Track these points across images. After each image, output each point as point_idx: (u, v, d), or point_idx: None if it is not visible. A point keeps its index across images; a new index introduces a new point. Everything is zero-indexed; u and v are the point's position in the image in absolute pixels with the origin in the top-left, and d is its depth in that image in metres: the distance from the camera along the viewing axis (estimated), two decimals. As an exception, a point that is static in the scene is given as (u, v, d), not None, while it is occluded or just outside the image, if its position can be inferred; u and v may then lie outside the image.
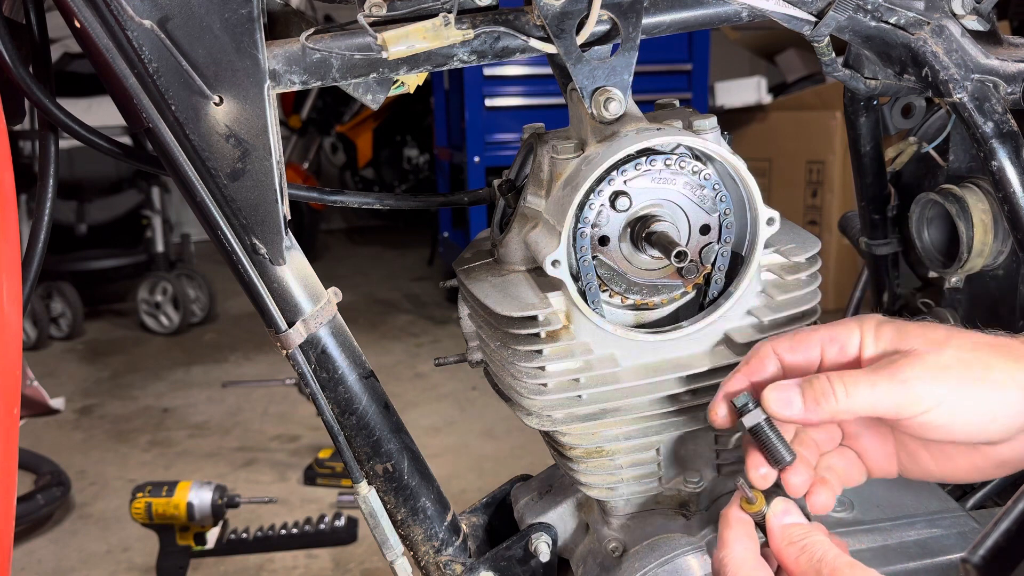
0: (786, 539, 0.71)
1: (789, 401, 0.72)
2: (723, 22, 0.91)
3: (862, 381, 0.70)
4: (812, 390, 0.72)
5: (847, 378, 0.71)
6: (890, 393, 0.70)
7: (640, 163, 0.81)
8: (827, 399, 0.71)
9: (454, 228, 5.18)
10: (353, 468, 0.92)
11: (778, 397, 0.72)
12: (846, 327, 0.75)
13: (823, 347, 0.76)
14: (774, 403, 0.72)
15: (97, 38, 0.78)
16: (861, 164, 1.29)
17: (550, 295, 0.84)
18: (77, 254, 4.83)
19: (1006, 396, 0.69)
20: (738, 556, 0.72)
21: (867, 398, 0.70)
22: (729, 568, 0.72)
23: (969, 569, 0.64)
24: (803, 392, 0.72)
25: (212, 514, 2.31)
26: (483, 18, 0.83)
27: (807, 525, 0.72)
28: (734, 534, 0.73)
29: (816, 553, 0.69)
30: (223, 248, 0.84)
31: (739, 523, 0.74)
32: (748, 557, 0.72)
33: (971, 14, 0.93)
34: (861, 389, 0.70)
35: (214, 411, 3.72)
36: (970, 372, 0.69)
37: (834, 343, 0.75)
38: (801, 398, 0.72)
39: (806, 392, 0.72)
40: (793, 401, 0.72)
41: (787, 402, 0.72)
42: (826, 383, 0.71)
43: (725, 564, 0.72)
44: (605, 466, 0.90)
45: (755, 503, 0.73)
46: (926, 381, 0.69)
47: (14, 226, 0.78)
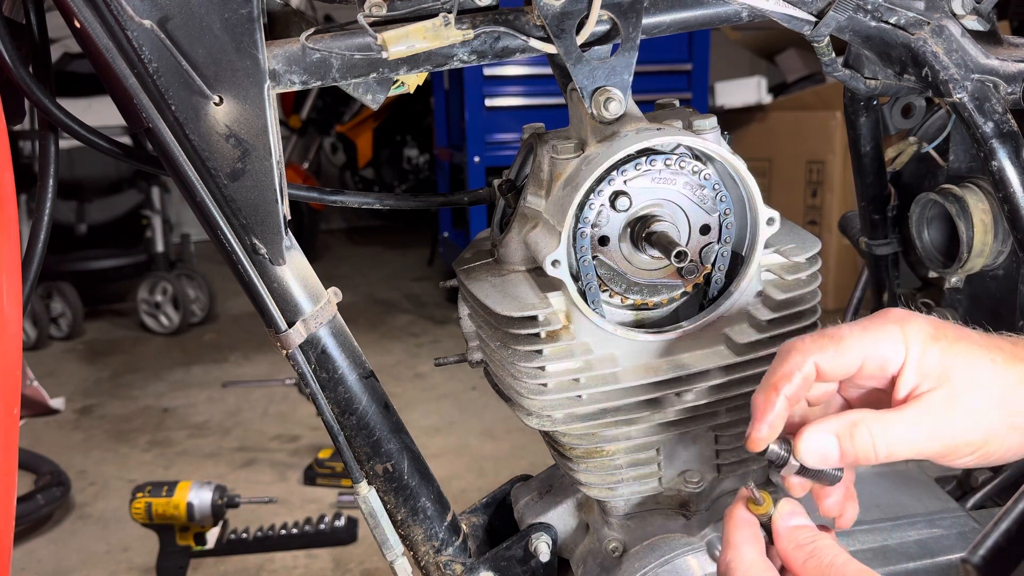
0: (793, 542, 0.70)
1: (825, 456, 0.70)
2: (723, 22, 0.91)
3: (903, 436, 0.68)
4: (852, 445, 0.69)
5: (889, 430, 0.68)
6: (929, 442, 0.68)
7: (640, 163, 0.81)
8: (865, 454, 0.69)
9: (454, 228, 5.18)
10: (353, 468, 0.92)
11: (817, 453, 0.70)
12: (890, 343, 0.70)
13: (864, 363, 0.71)
14: (809, 457, 0.70)
15: (97, 38, 0.78)
16: (861, 164, 1.29)
17: (550, 295, 0.84)
18: (77, 254, 4.82)
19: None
20: (747, 559, 0.70)
21: (906, 448, 0.69)
22: (738, 571, 0.70)
23: (969, 569, 0.64)
24: (841, 446, 0.69)
25: (212, 514, 2.31)
26: (483, 18, 0.83)
27: (814, 528, 0.71)
28: (741, 536, 0.71)
29: (825, 558, 0.68)
30: (223, 248, 0.84)
31: (746, 524, 0.72)
32: (757, 560, 0.70)
33: (971, 14, 0.93)
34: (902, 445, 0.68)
35: (214, 411, 3.71)
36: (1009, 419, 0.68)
37: (875, 360, 0.70)
38: (839, 452, 0.69)
39: (844, 446, 0.69)
40: (829, 456, 0.70)
41: (823, 457, 0.70)
42: (867, 437, 0.68)
43: (733, 568, 0.70)
44: (605, 466, 0.90)
45: (763, 505, 0.72)
46: (966, 432, 0.68)
47: (14, 226, 0.78)
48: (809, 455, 0.70)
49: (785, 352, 0.72)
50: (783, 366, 0.71)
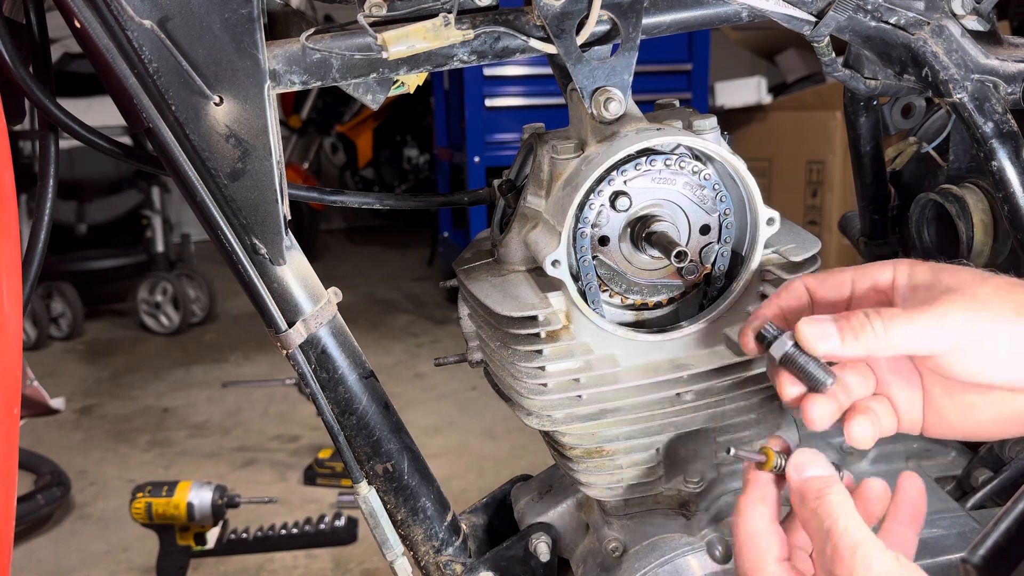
0: (801, 495, 0.68)
1: (825, 334, 0.69)
2: (723, 22, 0.91)
3: (899, 316, 0.68)
4: (849, 324, 0.69)
5: (884, 313, 0.69)
6: (928, 328, 0.67)
7: (640, 163, 0.81)
8: (864, 333, 0.68)
9: (454, 228, 5.18)
10: (353, 468, 0.92)
11: (813, 330, 0.70)
12: (878, 266, 0.75)
13: (854, 282, 0.74)
14: (809, 336, 0.70)
15: (97, 38, 0.78)
16: (861, 164, 1.29)
17: (550, 295, 0.84)
18: (77, 254, 4.82)
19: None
20: (750, 524, 0.69)
21: (905, 333, 0.68)
22: (740, 537, 0.69)
23: (969, 569, 0.64)
24: (839, 326, 0.69)
25: (212, 514, 2.31)
26: (483, 18, 0.83)
27: (826, 478, 0.68)
28: (749, 499, 0.71)
29: (825, 521, 0.65)
30: (223, 248, 0.84)
31: (756, 485, 0.71)
32: (760, 527, 0.69)
33: (971, 14, 0.93)
34: (898, 323, 0.68)
35: (214, 411, 3.72)
36: (1008, 306, 0.68)
37: (865, 278, 0.74)
38: (838, 331, 0.69)
39: (842, 326, 0.69)
40: (829, 334, 0.69)
41: (823, 335, 0.69)
42: (863, 317, 0.69)
43: (737, 532, 0.70)
44: (605, 466, 0.90)
45: (766, 462, 0.71)
46: (964, 316, 0.67)
47: (14, 226, 0.78)
48: (808, 334, 0.70)
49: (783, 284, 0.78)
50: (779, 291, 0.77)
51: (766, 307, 0.77)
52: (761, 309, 0.77)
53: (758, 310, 0.77)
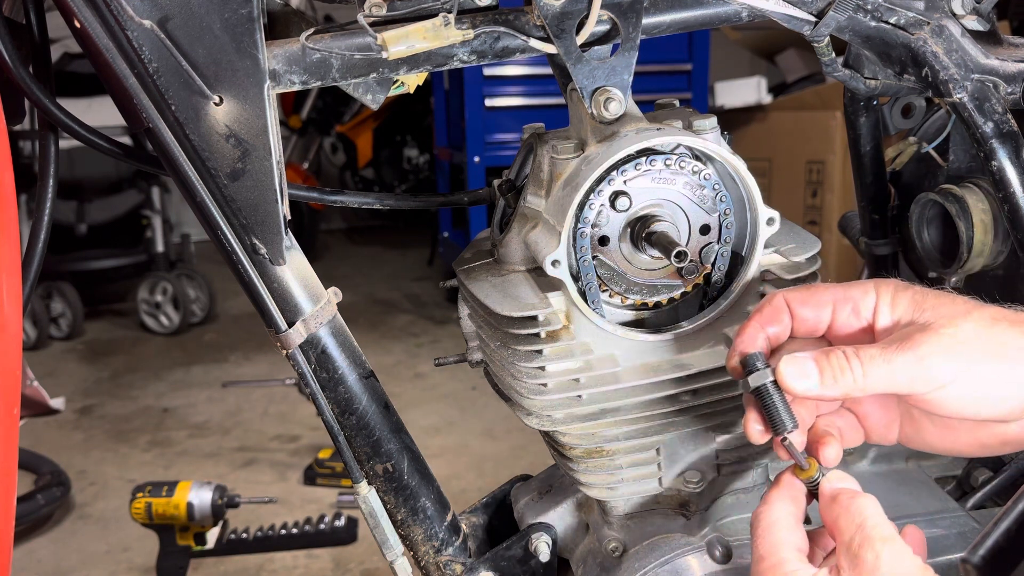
0: (831, 499, 0.69)
1: (804, 375, 0.70)
2: (723, 22, 0.91)
3: (878, 357, 0.69)
4: (829, 365, 0.70)
5: (863, 354, 0.69)
6: (906, 369, 0.68)
7: (640, 163, 0.81)
8: (844, 376, 0.69)
9: (454, 228, 5.18)
10: (353, 468, 0.92)
11: (793, 371, 0.70)
12: (862, 288, 0.74)
13: (835, 306, 0.74)
14: (788, 377, 0.70)
15: (97, 38, 0.78)
16: (861, 164, 1.29)
17: (550, 295, 0.84)
18: (77, 254, 4.83)
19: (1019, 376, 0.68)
20: (774, 515, 0.70)
21: (883, 375, 0.69)
22: (762, 524, 0.70)
23: (969, 569, 0.64)
24: (819, 367, 0.70)
25: (212, 514, 2.31)
26: (483, 18, 0.83)
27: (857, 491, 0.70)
28: (778, 494, 0.72)
29: (856, 517, 0.66)
30: (223, 248, 0.84)
31: (788, 486, 0.72)
32: (783, 518, 0.70)
33: (971, 14, 0.93)
34: (878, 366, 0.69)
35: (214, 411, 3.72)
36: (986, 348, 0.68)
37: (847, 303, 0.74)
38: (818, 373, 0.70)
39: (822, 367, 0.70)
40: (809, 375, 0.70)
41: (802, 375, 0.70)
42: (843, 359, 0.69)
43: (759, 520, 0.70)
44: (605, 466, 0.90)
45: (808, 469, 0.72)
46: (942, 357, 0.68)
47: (14, 226, 0.78)
48: (788, 375, 0.70)
49: (765, 298, 0.77)
50: (760, 305, 0.77)
51: (749, 327, 0.76)
52: (745, 330, 0.76)
53: (741, 329, 0.77)
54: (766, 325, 0.75)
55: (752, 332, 0.76)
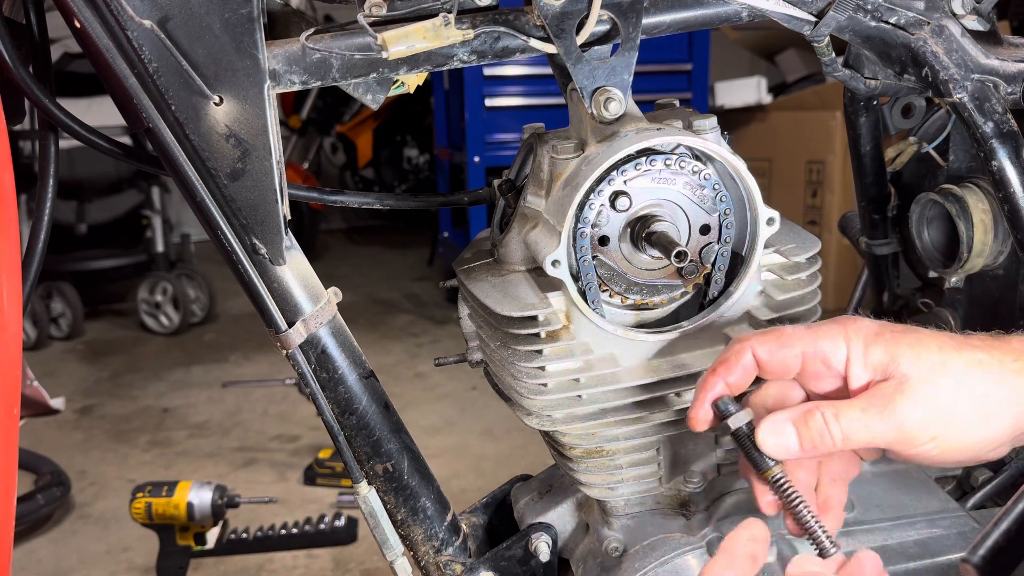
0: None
1: (784, 443, 0.71)
2: (723, 22, 0.91)
3: (856, 420, 0.70)
4: (808, 429, 0.71)
5: (842, 415, 0.70)
6: (885, 431, 0.69)
7: (640, 163, 0.81)
8: (823, 440, 0.70)
9: (454, 228, 5.18)
10: (353, 468, 0.92)
11: (772, 438, 0.71)
12: (831, 339, 0.73)
13: (804, 359, 0.73)
14: (769, 442, 0.71)
15: (97, 38, 0.78)
16: (861, 164, 1.29)
17: (550, 295, 0.84)
18: (77, 254, 4.82)
19: (1001, 423, 0.69)
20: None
21: (863, 437, 0.70)
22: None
23: (969, 569, 0.64)
24: (798, 432, 0.71)
25: (212, 514, 2.31)
26: (483, 18, 0.83)
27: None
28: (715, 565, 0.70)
29: None
30: (223, 248, 0.84)
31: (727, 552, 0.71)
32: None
33: (971, 14, 0.93)
34: (856, 427, 0.70)
35: (214, 411, 3.71)
36: (966, 403, 0.69)
37: (816, 357, 0.73)
38: (797, 438, 0.71)
39: (801, 432, 0.71)
40: (788, 441, 0.71)
41: (782, 443, 0.71)
42: (822, 423, 0.70)
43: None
44: (605, 466, 0.90)
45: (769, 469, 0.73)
46: (921, 419, 0.69)
47: (14, 226, 0.78)
48: (768, 440, 0.71)
49: (731, 343, 0.76)
50: (725, 354, 0.75)
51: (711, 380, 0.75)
52: (707, 381, 0.75)
53: (704, 381, 0.75)
54: (729, 376, 0.75)
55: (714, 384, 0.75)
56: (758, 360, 0.74)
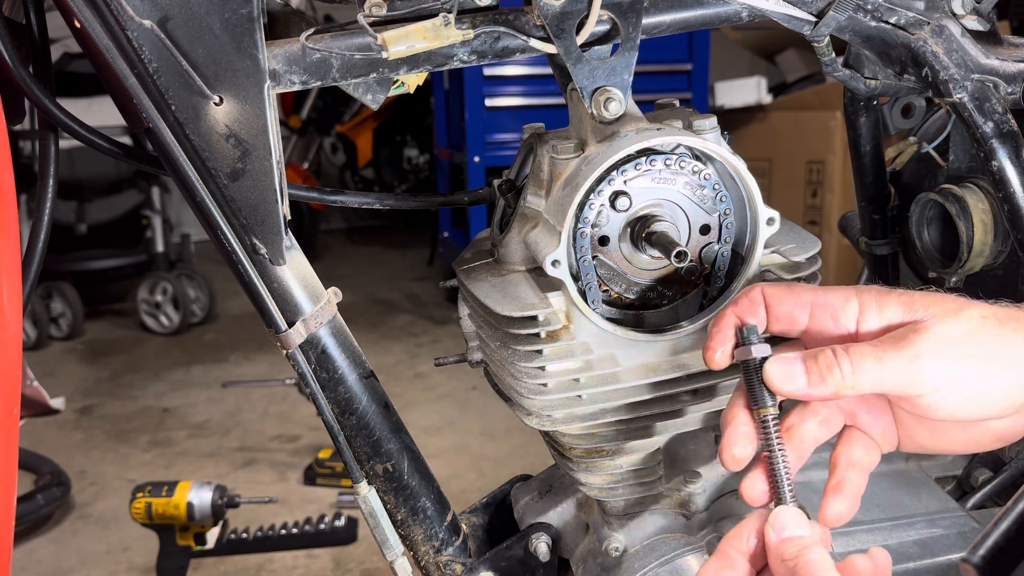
0: (779, 555, 0.67)
1: (792, 375, 0.69)
2: (723, 22, 0.91)
3: (869, 356, 0.67)
4: (816, 364, 0.68)
5: (853, 352, 0.68)
6: (898, 369, 0.67)
7: (640, 163, 0.81)
8: (832, 374, 0.68)
9: (454, 228, 5.18)
10: (353, 468, 0.92)
11: (781, 370, 0.69)
12: (843, 296, 0.72)
13: (813, 309, 0.72)
14: (776, 377, 0.69)
15: (97, 38, 0.78)
16: (861, 164, 1.29)
17: (550, 295, 0.84)
18: (77, 254, 4.82)
19: (1013, 374, 0.67)
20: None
21: (874, 374, 0.67)
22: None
23: (969, 569, 0.64)
24: (807, 366, 0.69)
25: (212, 514, 2.31)
26: (483, 18, 0.83)
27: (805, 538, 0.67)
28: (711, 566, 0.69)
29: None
30: (223, 248, 0.84)
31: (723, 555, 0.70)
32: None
33: (971, 14, 0.93)
34: (868, 364, 0.67)
35: (214, 411, 3.72)
36: (979, 348, 0.67)
37: (824, 310, 0.72)
38: (805, 372, 0.69)
39: (810, 366, 0.69)
40: (796, 375, 0.69)
41: (790, 376, 0.69)
42: (831, 357, 0.68)
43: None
44: (605, 466, 0.90)
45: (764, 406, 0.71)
46: (936, 358, 0.66)
47: (14, 226, 0.78)
48: (776, 375, 0.69)
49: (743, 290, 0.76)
50: (736, 298, 0.75)
51: (724, 316, 0.74)
52: (720, 319, 0.75)
53: (717, 319, 0.75)
54: (742, 316, 0.74)
55: (728, 322, 0.74)
56: (768, 305, 0.73)
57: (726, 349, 0.74)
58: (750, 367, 0.72)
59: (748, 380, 0.72)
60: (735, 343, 0.74)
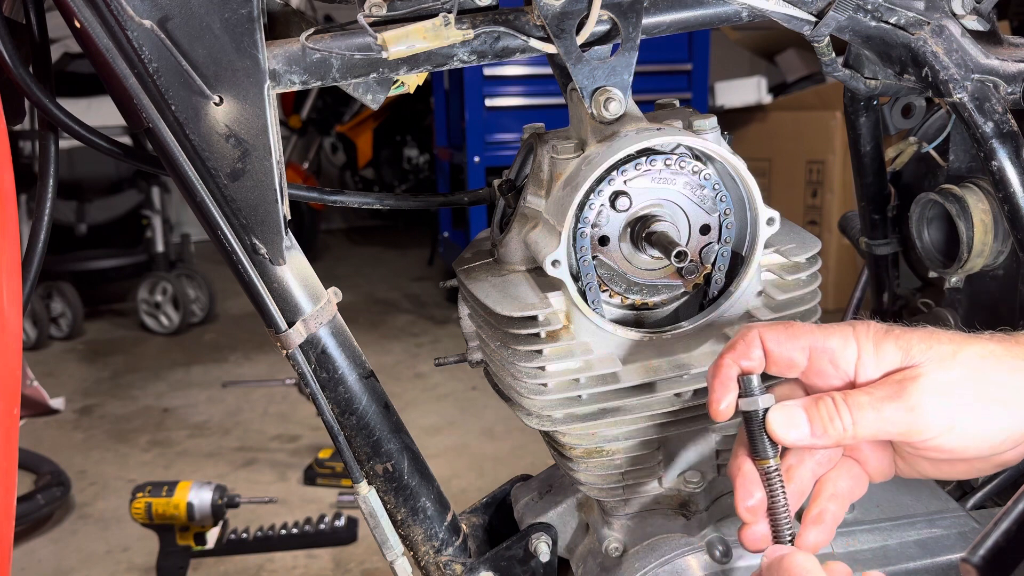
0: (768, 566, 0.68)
1: (794, 424, 0.69)
2: (723, 22, 0.91)
3: (868, 407, 0.68)
4: (819, 415, 0.69)
5: (853, 402, 0.69)
6: (898, 419, 0.68)
7: (640, 163, 0.81)
8: (834, 425, 0.68)
9: (454, 228, 5.18)
10: (353, 468, 0.92)
11: (784, 421, 0.70)
12: (841, 337, 0.71)
13: (812, 355, 0.72)
14: (778, 426, 0.70)
15: (97, 38, 0.78)
16: (861, 164, 1.29)
17: (550, 295, 0.84)
18: (77, 254, 4.83)
19: (1015, 412, 0.68)
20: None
21: (874, 425, 0.68)
22: None
23: (969, 569, 0.64)
24: (809, 416, 0.69)
25: (212, 514, 2.31)
26: (483, 18, 0.83)
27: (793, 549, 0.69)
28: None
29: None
30: (223, 248, 0.84)
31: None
32: None
33: (971, 14, 0.93)
34: (867, 415, 0.68)
35: (214, 411, 3.72)
36: (978, 392, 0.68)
37: (823, 354, 0.71)
38: (807, 423, 0.69)
39: (812, 417, 0.69)
40: (799, 425, 0.69)
41: (792, 424, 0.69)
42: (832, 407, 0.69)
43: None
44: (605, 466, 0.90)
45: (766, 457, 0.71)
46: (935, 406, 0.67)
47: (14, 226, 0.78)
48: (778, 426, 0.69)
49: (738, 331, 0.75)
50: (733, 341, 0.74)
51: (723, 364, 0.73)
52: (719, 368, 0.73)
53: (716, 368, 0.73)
54: (739, 362, 0.73)
55: (728, 372, 0.73)
56: (766, 349, 0.72)
57: (731, 400, 0.72)
58: (752, 418, 0.72)
59: (750, 430, 0.72)
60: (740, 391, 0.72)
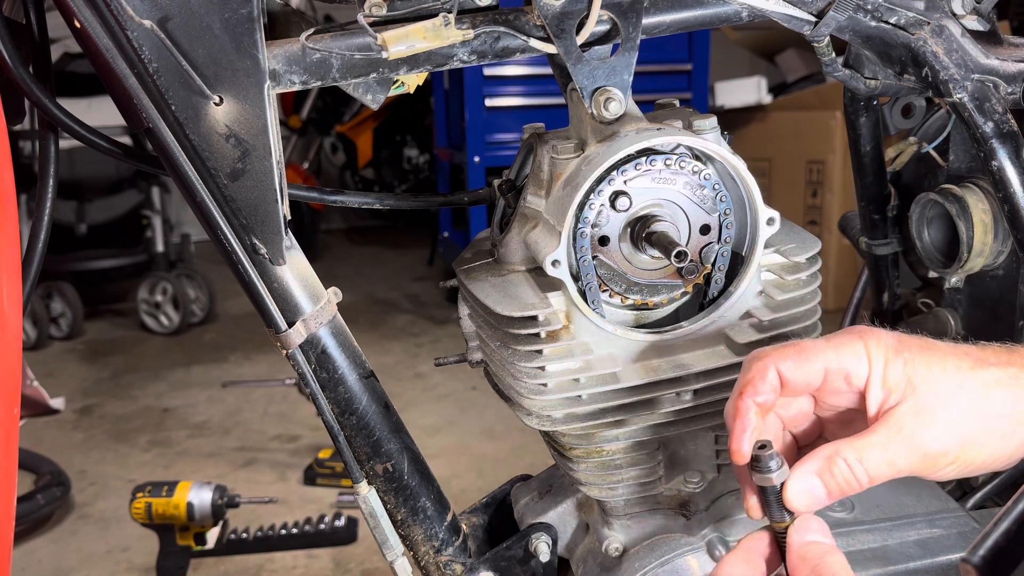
0: (801, 555, 0.69)
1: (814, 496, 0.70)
2: (723, 22, 0.91)
3: (879, 458, 0.69)
4: (834, 479, 0.70)
5: (864, 457, 0.69)
6: (908, 463, 0.69)
7: (640, 163, 0.81)
8: (849, 485, 0.70)
9: (454, 228, 5.18)
10: (353, 468, 0.92)
11: (803, 495, 0.70)
12: (853, 353, 0.71)
13: (827, 374, 0.72)
14: (798, 499, 0.70)
15: (97, 38, 0.78)
16: (861, 164, 1.29)
17: (550, 295, 0.84)
18: (77, 254, 4.82)
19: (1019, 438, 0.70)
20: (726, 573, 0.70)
21: (885, 469, 0.69)
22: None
23: (969, 569, 0.64)
24: (825, 483, 0.70)
25: (212, 514, 2.31)
26: (483, 18, 0.83)
27: (827, 545, 0.69)
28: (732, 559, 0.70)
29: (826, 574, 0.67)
30: (223, 248, 0.84)
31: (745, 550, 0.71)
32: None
33: (971, 14, 0.93)
34: (880, 467, 0.69)
35: (214, 411, 3.71)
36: (982, 425, 0.69)
37: (839, 374, 0.72)
38: (825, 490, 0.70)
39: (828, 482, 0.70)
40: (818, 496, 0.70)
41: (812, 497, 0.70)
42: (846, 469, 0.69)
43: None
44: (605, 466, 0.90)
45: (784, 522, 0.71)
46: (941, 444, 0.69)
47: (14, 226, 0.78)
48: (798, 499, 0.70)
49: (750, 360, 0.73)
50: (747, 374, 0.72)
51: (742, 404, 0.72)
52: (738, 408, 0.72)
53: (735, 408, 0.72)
54: (757, 396, 0.72)
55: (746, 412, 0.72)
56: (782, 377, 0.72)
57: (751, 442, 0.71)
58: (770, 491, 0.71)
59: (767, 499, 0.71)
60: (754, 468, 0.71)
